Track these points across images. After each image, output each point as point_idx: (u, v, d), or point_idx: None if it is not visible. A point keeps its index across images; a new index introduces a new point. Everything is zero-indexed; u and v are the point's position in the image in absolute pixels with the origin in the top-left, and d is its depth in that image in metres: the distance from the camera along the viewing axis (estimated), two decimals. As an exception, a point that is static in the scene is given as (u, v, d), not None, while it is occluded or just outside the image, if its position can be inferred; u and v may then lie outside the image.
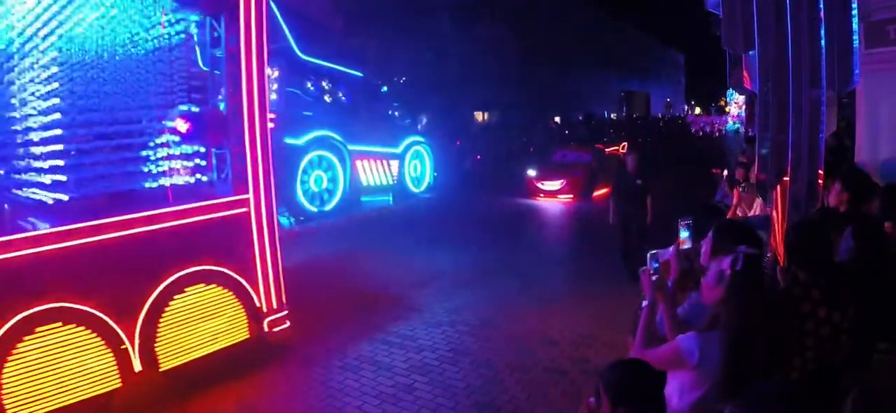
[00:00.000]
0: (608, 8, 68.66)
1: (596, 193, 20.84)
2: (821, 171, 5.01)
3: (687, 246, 4.22)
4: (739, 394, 3.08)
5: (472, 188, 23.19)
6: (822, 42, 4.64)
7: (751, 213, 8.92)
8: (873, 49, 6.26)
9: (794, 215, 4.95)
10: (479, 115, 52.53)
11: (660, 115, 76.44)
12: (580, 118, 51.79)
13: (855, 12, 4.63)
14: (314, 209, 15.55)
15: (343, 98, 17.35)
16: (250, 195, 7.21)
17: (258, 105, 7.16)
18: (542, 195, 20.89)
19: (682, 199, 11.02)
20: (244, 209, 7.20)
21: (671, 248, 4.22)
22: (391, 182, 19.17)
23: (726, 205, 10.40)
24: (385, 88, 19.69)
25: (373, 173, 18.36)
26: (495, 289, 10.21)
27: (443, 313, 9.05)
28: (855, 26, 4.62)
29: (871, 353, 4.38)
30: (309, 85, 16.19)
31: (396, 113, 21.09)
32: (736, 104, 50.09)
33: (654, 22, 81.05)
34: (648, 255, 3.90)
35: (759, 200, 8.77)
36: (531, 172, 21.59)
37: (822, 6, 4.62)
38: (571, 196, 20.45)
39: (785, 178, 5.19)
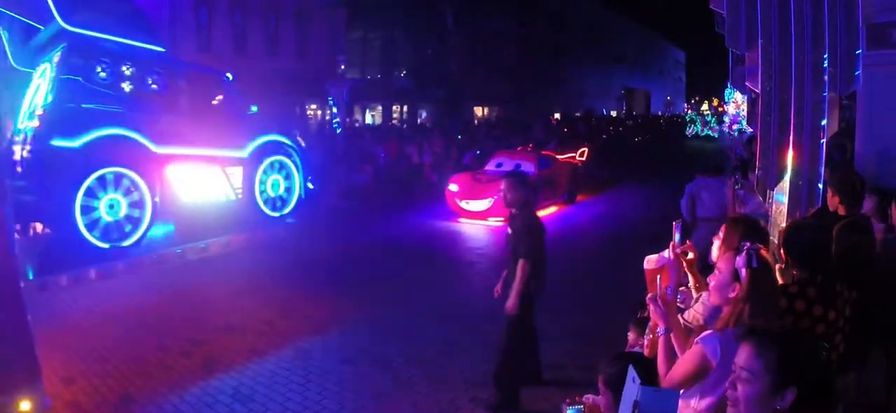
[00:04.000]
0: (610, 4, 68.73)
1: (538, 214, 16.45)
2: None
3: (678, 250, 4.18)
4: None
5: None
6: (826, 42, 4.65)
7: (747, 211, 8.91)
8: (875, 51, 6.28)
9: (794, 216, 4.97)
10: (478, 110, 52.66)
11: (660, 114, 76.42)
12: (577, 114, 51.86)
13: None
14: (105, 246, 11.31)
15: (154, 86, 12.76)
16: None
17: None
18: (465, 216, 16.22)
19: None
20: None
21: (667, 253, 4.17)
22: (234, 197, 13.98)
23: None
24: (229, 76, 14.53)
25: (200, 184, 13.33)
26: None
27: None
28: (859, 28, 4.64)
29: (868, 353, 4.41)
30: (99, 70, 11.76)
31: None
32: (734, 103, 50.05)
33: (656, 18, 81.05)
34: (664, 282, 3.83)
35: (755, 199, 8.76)
36: (452, 187, 16.68)
37: (826, 7, 4.64)
38: (503, 219, 15.08)
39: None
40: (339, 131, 26.75)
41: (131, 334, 7.93)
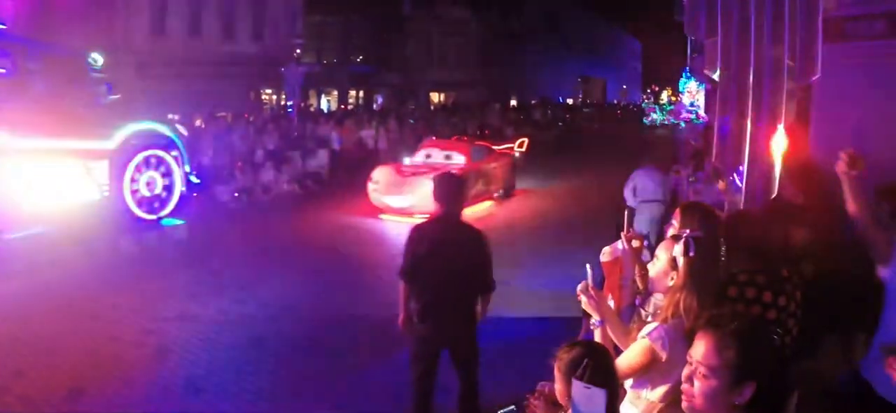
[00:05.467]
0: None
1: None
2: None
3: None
4: None
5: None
6: (786, 33, 4.66)
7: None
8: (831, 44, 6.35)
9: (750, 205, 4.98)
10: (434, 96, 52.56)
11: (616, 102, 77.17)
12: (533, 102, 52.05)
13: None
14: None
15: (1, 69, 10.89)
16: None
17: None
18: (387, 213, 14.47)
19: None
20: None
21: (620, 244, 4.14)
22: (99, 195, 11.77)
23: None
24: (98, 59, 12.62)
25: (54, 180, 11.16)
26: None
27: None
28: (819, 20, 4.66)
29: (819, 340, 4.46)
30: None
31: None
32: (689, 93, 50.60)
33: (613, 8, 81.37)
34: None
35: (712, 189, 8.86)
36: (373, 181, 14.85)
37: (786, -3, 4.66)
38: (429, 216, 14.24)
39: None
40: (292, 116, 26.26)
41: (81, 325, 7.69)
